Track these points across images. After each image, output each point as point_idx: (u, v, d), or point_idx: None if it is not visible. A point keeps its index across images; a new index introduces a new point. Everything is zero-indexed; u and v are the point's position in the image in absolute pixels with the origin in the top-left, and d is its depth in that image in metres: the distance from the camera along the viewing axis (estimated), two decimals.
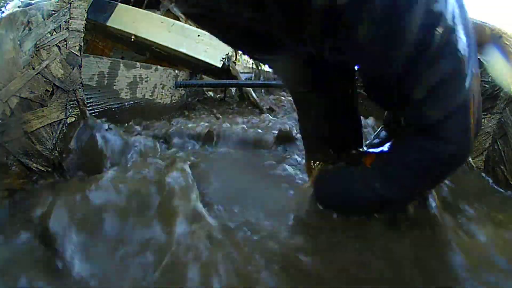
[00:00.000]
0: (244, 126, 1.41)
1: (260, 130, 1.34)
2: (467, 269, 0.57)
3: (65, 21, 0.95)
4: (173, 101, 2.30)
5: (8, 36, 0.86)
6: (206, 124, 1.51)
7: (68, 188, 0.76)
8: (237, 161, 1.11)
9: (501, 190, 0.87)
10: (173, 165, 0.82)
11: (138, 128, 1.45)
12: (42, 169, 0.89)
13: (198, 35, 2.50)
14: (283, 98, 2.99)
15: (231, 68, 2.63)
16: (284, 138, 1.23)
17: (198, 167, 0.94)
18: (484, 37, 0.99)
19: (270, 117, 1.93)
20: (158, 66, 2.04)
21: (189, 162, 0.89)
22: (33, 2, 0.96)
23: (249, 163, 1.09)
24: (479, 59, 0.98)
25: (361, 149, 0.70)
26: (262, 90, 3.19)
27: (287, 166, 0.99)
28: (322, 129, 0.66)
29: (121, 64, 1.59)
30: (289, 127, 1.30)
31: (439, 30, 0.40)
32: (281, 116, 2.21)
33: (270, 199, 0.80)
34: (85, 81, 1.21)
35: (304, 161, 0.84)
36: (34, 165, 0.87)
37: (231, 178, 0.93)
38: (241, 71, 3.56)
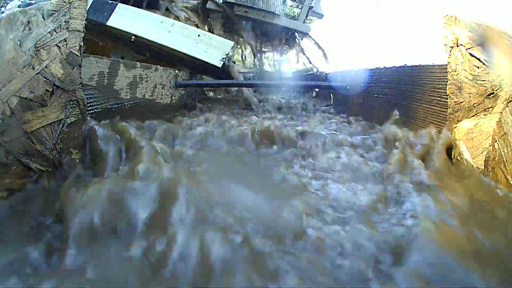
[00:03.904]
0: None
1: None
2: None
3: (65, 21, 0.95)
4: (173, 101, 2.30)
5: (8, 36, 0.86)
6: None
7: (69, 187, 0.76)
8: None
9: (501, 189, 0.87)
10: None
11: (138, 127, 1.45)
12: (42, 169, 0.89)
13: (198, 35, 2.50)
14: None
15: (230, 68, 2.64)
16: None
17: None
18: (485, 37, 0.99)
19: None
20: (158, 66, 2.04)
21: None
22: (33, 2, 0.96)
23: None
24: (479, 59, 0.98)
25: None
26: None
27: None
28: None
29: (121, 64, 1.59)
30: None
31: None
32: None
33: None
34: (85, 81, 1.21)
35: None
36: (34, 165, 0.87)
37: None
38: (241, 70, 3.56)
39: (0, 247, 0.68)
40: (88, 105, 1.10)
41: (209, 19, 3.88)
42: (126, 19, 2.57)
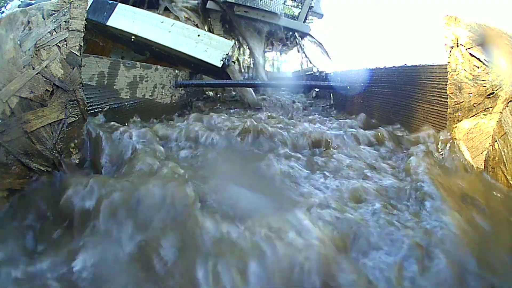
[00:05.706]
0: None
1: None
2: None
3: (65, 21, 0.95)
4: (173, 101, 2.30)
5: (8, 36, 0.86)
6: None
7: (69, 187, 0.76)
8: None
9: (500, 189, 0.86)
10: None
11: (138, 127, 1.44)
12: (42, 169, 0.89)
13: (198, 35, 2.50)
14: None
15: (230, 68, 2.64)
16: None
17: None
18: (485, 37, 0.99)
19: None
20: (158, 66, 2.04)
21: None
22: (33, 2, 0.96)
23: None
24: (479, 59, 0.98)
25: None
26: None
27: None
28: None
29: (121, 64, 1.59)
30: None
31: None
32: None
33: None
34: (85, 81, 1.21)
35: None
36: (34, 165, 0.87)
37: None
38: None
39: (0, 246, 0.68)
40: (88, 105, 1.10)
41: (209, 19, 3.88)
42: (126, 19, 2.57)
